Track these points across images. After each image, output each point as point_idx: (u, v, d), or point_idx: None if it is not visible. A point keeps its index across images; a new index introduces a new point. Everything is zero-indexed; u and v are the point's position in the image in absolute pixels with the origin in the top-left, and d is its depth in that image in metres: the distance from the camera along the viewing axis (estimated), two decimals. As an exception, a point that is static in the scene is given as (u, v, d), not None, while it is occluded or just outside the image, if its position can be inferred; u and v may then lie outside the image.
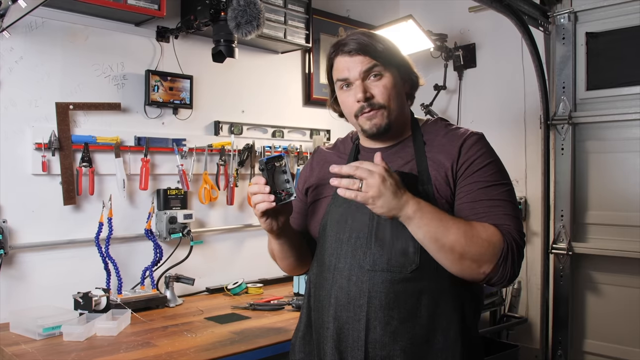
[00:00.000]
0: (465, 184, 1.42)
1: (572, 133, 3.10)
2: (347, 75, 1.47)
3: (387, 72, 1.46)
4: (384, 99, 1.46)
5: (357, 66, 1.45)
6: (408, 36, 3.22)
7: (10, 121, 2.28)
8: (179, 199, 2.71)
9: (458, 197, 1.42)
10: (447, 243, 1.30)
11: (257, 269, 3.02)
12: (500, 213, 1.38)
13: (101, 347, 1.93)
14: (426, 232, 1.31)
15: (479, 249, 1.31)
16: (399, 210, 1.29)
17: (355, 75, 1.46)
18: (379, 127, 1.47)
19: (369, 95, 1.45)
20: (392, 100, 1.47)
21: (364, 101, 1.45)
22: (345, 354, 1.42)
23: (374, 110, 1.46)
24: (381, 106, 1.46)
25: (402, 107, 1.51)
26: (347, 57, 1.47)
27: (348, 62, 1.47)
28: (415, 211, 1.29)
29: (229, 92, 3.00)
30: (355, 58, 1.46)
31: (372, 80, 1.46)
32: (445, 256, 1.32)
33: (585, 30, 3.08)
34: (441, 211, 1.33)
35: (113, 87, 2.56)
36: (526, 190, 3.35)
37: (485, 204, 1.39)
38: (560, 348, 3.12)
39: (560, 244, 3.10)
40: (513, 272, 1.35)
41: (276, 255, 1.65)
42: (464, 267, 1.33)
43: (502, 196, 1.41)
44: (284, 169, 1.42)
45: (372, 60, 1.45)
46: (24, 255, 2.32)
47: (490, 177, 1.42)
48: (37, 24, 2.33)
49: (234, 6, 2.19)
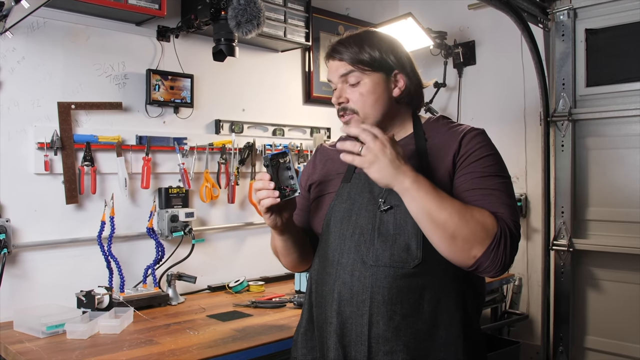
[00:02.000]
0: (462, 174, 1.42)
1: (572, 129, 3.10)
2: (330, 78, 1.54)
3: (367, 78, 1.47)
4: (358, 105, 1.48)
5: (337, 70, 1.50)
6: (407, 34, 3.23)
7: (12, 121, 2.29)
8: (180, 197, 2.71)
9: (455, 187, 1.43)
10: (441, 219, 1.30)
11: (259, 266, 3.03)
12: (495, 201, 1.38)
13: (104, 345, 1.94)
14: (420, 206, 1.31)
15: (471, 229, 1.31)
16: (393, 179, 1.30)
17: (335, 79, 1.51)
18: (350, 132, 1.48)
19: (343, 99, 1.49)
20: (368, 106, 1.48)
21: (337, 105, 1.50)
22: (349, 349, 1.42)
23: (348, 116, 1.49)
24: (353, 111, 1.48)
25: (385, 112, 1.50)
26: (331, 60, 1.52)
27: (331, 65, 1.52)
28: (412, 183, 1.30)
29: (229, 90, 3.01)
30: (336, 63, 1.50)
31: (348, 85, 1.49)
32: (438, 233, 1.32)
33: (585, 26, 3.09)
34: (439, 189, 1.34)
35: (114, 86, 2.57)
36: (526, 187, 3.36)
37: (480, 192, 1.39)
38: (561, 344, 3.13)
39: (561, 241, 3.11)
40: (505, 260, 1.33)
41: (279, 252, 1.66)
42: (456, 247, 1.31)
43: (498, 187, 1.40)
44: (288, 165, 1.44)
45: (349, 67, 1.48)
46: (27, 254, 2.33)
47: (487, 169, 1.42)
48: (38, 25, 2.33)
49: (234, 5, 2.20)
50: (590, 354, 3.13)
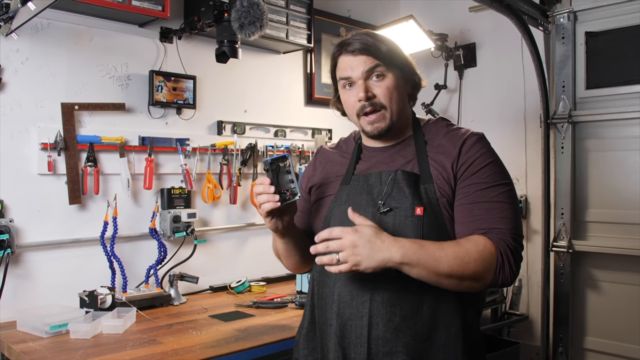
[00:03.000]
0: (464, 185, 1.44)
1: (572, 132, 3.12)
2: (349, 74, 1.49)
3: (390, 73, 1.48)
4: (386, 100, 1.47)
5: (360, 66, 1.47)
6: (409, 36, 3.24)
7: (16, 121, 2.30)
8: (182, 198, 2.73)
9: (457, 199, 1.44)
10: (443, 273, 1.32)
11: (260, 267, 3.04)
12: (496, 217, 1.40)
13: (108, 345, 1.95)
14: (419, 271, 1.32)
15: (474, 268, 1.33)
16: (384, 263, 1.30)
17: (358, 74, 1.47)
18: (381, 130, 1.50)
19: (371, 94, 1.47)
20: (394, 100, 1.48)
21: (365, 100, 1.47)
22: (349, 350, 1.44)
23: (376, 112, 1.48)
24: (382, 106, 1.48)
25: (404, 108, 1.53)
26: (351, 56, 1.49)
27: (351, 61, 1.49)
28: (402, 256, 1.30)
29: (231, 92, 3.03)
30: (359, 57, 1.47)
31: (374, 80, 1.48)
32: (445, 283, 1.35)
33: (585, 29, 3.10)
34: (424, 244, 1.34)
35: (117, 87, 2.59)
36: (526, 188, 3.38)
37: (482, 206, 1.41)
38: (561, 345, 3.14)
39: (561, 242, 3.12)
40: (512, 276, 1.38)
41: (281, 254, 1.67)
42: (465, 286, 1.36)
43: (500, 198, 1.42)
44: (288, 169, 1.45)
45: (375, 60, 1.47)
46: (30, 254, 2.34)
47: (489, 178, 1.43)
48: (42, 26, 2.35)
49: (237, 7, 2.21)
50: (589, 354, 3.15)
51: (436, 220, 1.42)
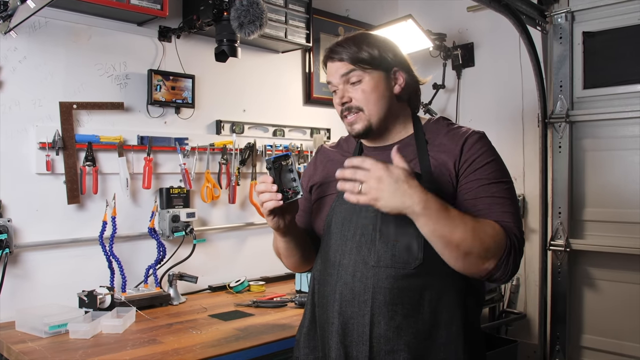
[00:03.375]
0: (467, 181, 1.44)
1: (570, 131, 3.13)
2: (330, 80, 1.55)
3: (368, 76, 1.50)
4: (362, 103, 1.50)
5: (337, 72, 1.52)
6: (407, 36, 3.24)
7: (14, 120, 2.29)
8: (181, 197, 2.72)
9: (459, 195, 1.45)
10: (454, 240, 1.30)
11: (259, 266, 3.04)
12: (500, 210, 1.40)
13: (108, 345, 1.94)
14: (433, 230, 1.30)
15: (484, 245, 1.32)
16: (402, 208, 1.28)
17: (337, 80, 1.52)
18: (358, 131, 1.52)
19: (347, 99, 1.51)
20: (372, 103, 1.50)
21: (341, 105, 1.52)
22: (351, 349, 1.44)
23: (353, 114, 1.51)
24: (359, 109, 1.50)
25: (388, 109, 1.52)
26: (330, 62, 1.54)
27: (331, 67, 1.54)
28: (422, 209, 1.28)
29: (230, 91, 3.02)
30: (336, 64, 1.52)
31: (350, 85, 1.51)
32: (451, 253, 1.33)
33: (582, 29, 3.11)
34: (448, 207, 1.32)
35: (116, 86, 2.58)
36: (524, 187, 3.39)
37: (485, 200, 1.41)
38: (558, 343, 3.15)
39: (558, 241, 3.13)
40: (513, 269, 1.37)
41: (282, 253, 1.67)
42: (469, 263, 1.34)
43: (502, 193, 1.43)
44: (291, 167, 1.45)
45: (350, 66, 1.50)
46: (29, 254, 2.33)
47: (491, 175, 1.44)
48: (40, 24, 2.34)
49: (237, 6, 2.21)
50: (586, 352, 3.16)
51: None
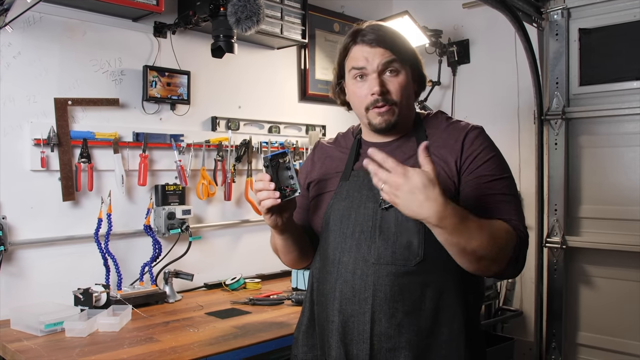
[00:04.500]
0: (470, 178, 1.44)
1: (566, 128, 3.14)
2: (364, 65, 1.46)
3: (403, 70, 1.48)
4: (398, 96, 1.46)
5: (377, 58, 1.45)
6: (404, 32, 3.20)
7: (8, 117, 2.26)
8: (177, 194, 2.70)
9: (463, 192, 1.44)
10: (469, 249, 1.27)
11: (255, 264, 3.03)
12: (506, 208, 1.40)
13: (104, 343, 1.93)
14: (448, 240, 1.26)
15: (499, 250, 1.32)
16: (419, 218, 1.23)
17: (374, 67, 1.45)
18: (389, 122, 1.47)
19: (385, 90, 1.45)
20: (404, 97, 1.48)
21: (379, 95, 1.45)
22: (351, 347, 1.43)
23: (387, 106, 1.46)
24: (394, 102, 1.46)
25: (411, 105, 1.54)
26: (367, 47, 1.46)
27: (368, 52, 1.46)
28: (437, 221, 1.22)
29: (225, 87, 3.00)
30: (376, 50, 1.45)
31: (388, 75, 1.46)
32: (464, 258, 1.30)
33: (578, 26, 3.12)
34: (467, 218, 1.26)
35: (111, 82, 2.55)
36: (520, 184, 3.37)
37: (491, 198, 1.41)
38: (554, 340, 3.16)
39: (554, 238, 3.14)
40: (521, 267, 1.40)
41: (279, 250, 1.66)
42: (481, 266, 1.32)
43: (505, 190, 1.43)
44: (288, 165, 1.44)
45: (392, 55, 1.45)
46: (23, 251, 2.30)
47: (493, 171, 1.44)
48: (35, 19, 2.31)
49: (234, 2, 2.19)
50: (582, 349, 3.17)
51: None
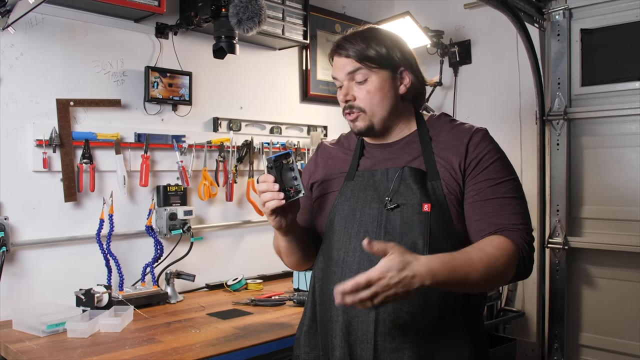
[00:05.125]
0: (475, 182, 1.44)
1: (568, 128, 3.13)
2: (336, 75, 1.53)
3: (374, 76, 1.48)
4: (364, 103, 1.49)
5: (343, 68, 1.50)
6: (405, 33, 3.23)
7: (10, 118, 2.26)
8: (178, 195, 2.70)
9: (468, 195, 1.44)
10: (468, 285, 1.31)
11: (256, 264, 3.03)
12: (510, 212, 1.41)
13: (106, 344, 1.93)
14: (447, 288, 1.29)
15: (499, 276, 1.35)
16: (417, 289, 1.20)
17: (342, 76, 1.51)
18: (360, 129, 1.52)
19: (350, 97, 1.50)
20: (375, 104, 1.49)
21: (344, 102, 1.51)
22: (355, 347, 1.43)
23: (354, 113, 1.50)
24: (360, 109, 1.49)
25: (391, 109, 1.51)
26: (337, 57, 1.52)
27: (337, 62, 1.52)
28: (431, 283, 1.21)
29: (227, 88, 3.00)
30: (342, 60, 1.50)
31: (357, 82, 1.49)
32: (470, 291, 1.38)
33: (580, 26, 3.12)
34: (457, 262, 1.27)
35: (113, 83, 2.55)
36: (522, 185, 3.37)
37: (495, 202, 1.41)
38: (556, 341, 3.15)
39: (556, 239, 3.13)
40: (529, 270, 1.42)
41: (282, 252, 1.65)
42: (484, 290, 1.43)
43: (510, 193, 1.43)
44: (292, 166, 1.43)
45: (357, 64, 1.48)
46: (26, 252, 2.31)
47: (498, 174, 1.44)
48: (37, 21, 2.31)
49: (235, 2, 2.19)
50: (584, 350, 3.17)
51: (443, 217, 1.42)
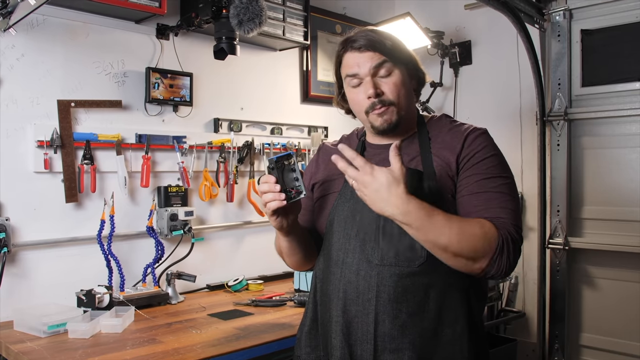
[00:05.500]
0: (465, 176, 1.44)
1: (568, 129, 3.13)
2: (356, 71, 1.48)
3: (396, 69, 1.48)
4: (394, 96, 1.47)
5: (367, 62, 1.46)
6: (405, 33, 3.24)
7: (11, 119, 2.27)
8: (179, 196, 2.70)
9: (458, 190, 1.44)
10: (441, 243, 1.30)
11: (257, 265, 3.03)
12: (496, 206, 1.39)
13: (107, 344, 1.93)
14: (417, 236, 1.31)
15: (473, 245, 1.32)
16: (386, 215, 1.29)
17: (365, 71, 1.47)
18: (390, 122, 1.48)
19: (380, 91, 1.46)
20: (402, 97, 1.48)
21: (375, 97, 1.46)
22: (355, 347, 1.43)
23: (385, 107, 1.47)
24: (391, 103, 1.47)
25: (411, 103, 1.54)
26: (357, 53, 1.48)
27: (358, 58, 1.48)
28: (402, 217, 1.28)
29: (228, 89, 3.01)
30: (365, 54, 1.47)
31: (381, 77, 1.47)
32: (441, 255, 1.33)
33: (580, 27, 3.12)
34: (432, 213, 1.31)
35: (114, 84, 2.56)
36: (522, 186, 3.38)
37: (482, 196, 1.40)
38: (557, 342, 3.16)
39: (557, 239, 3.14)
40: (509, 266, 1.36)
41: (284, 252, 1.65)
42: (459, 263, 1.34)
43: (500, 189, 1.41)
44: (293, 167, 1.43)
45: (382, 57, 1.46)
46: (26, 253, 2.31)
47: (489, 170, 1.43)
48: (38, 22, 2.31)
49: (236, 4, 2.19)
50: (585, 351, 3.17)
51: None
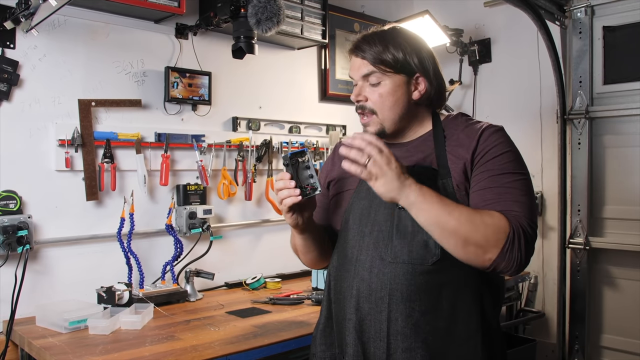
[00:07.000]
0: (479, 172, 1.42)
1: (589, 127, 3.10)
2: (351, 74, 1.54)
3: (387, 80, 1.47)
4: (376, 106, 1.48)
5: (358, 69, 1.51)
6: (424, 31, 3.22)
7: (34, 118, 2.31)
8: (198, 194, 2.73)
9: (471, 186, 1.42)
10: (450, 227, 1.30)
11: (275, 263, 3.05)
12: (509, 200, 1.36)
13: (127, 341, 1.96)
14: (428, 217, 1.31)
15: (483, 233, 1.30)
16: (399, 194, 1.30)
17: (357, 76, 1.51)
18: (371, 132, 1.50)
19: (362, 98, 1.50)
20: (387, 108, 1.48)
21: (356, 102, 1.51)
22: (368, 345, 1.44)
23: (367, 116, 1.50)
24: (372, 111, 1.49)
25: (403, 113, 1.50)
26: (354, 56, 1.53)
27: (353, 62, 1.53)
28: (418, 196, 1.30)
29: (246, 88, 3.02)
30: (358, 60, 1.51)
31: (371, 84, 1.49)
32: (449, 241, 1.32)
33: (602, 24, 3.08)
34: (444, 198, 1.34)
35: (133, 83, 2.59)
36: (542, 185, 3.35)
37: (495, 190, 1.38)
38: (577, 343, 3.12)
39: (577, 239, 3.10)
40: (520, 261, 1.32)
41: (299, 250, 1.67)
42: (469, 252, 1.32)
43: (513, 185, 1.39)
44: (308, 164, 1.44)
45: (371, 67, 1.48)
46: (48, 250, 2.35)
47: (503, 166, 1.40)
48: (59, 22, 2.35)
49: (254, 3, 2.20)
50: (606, 352, 3.13)
51: None
